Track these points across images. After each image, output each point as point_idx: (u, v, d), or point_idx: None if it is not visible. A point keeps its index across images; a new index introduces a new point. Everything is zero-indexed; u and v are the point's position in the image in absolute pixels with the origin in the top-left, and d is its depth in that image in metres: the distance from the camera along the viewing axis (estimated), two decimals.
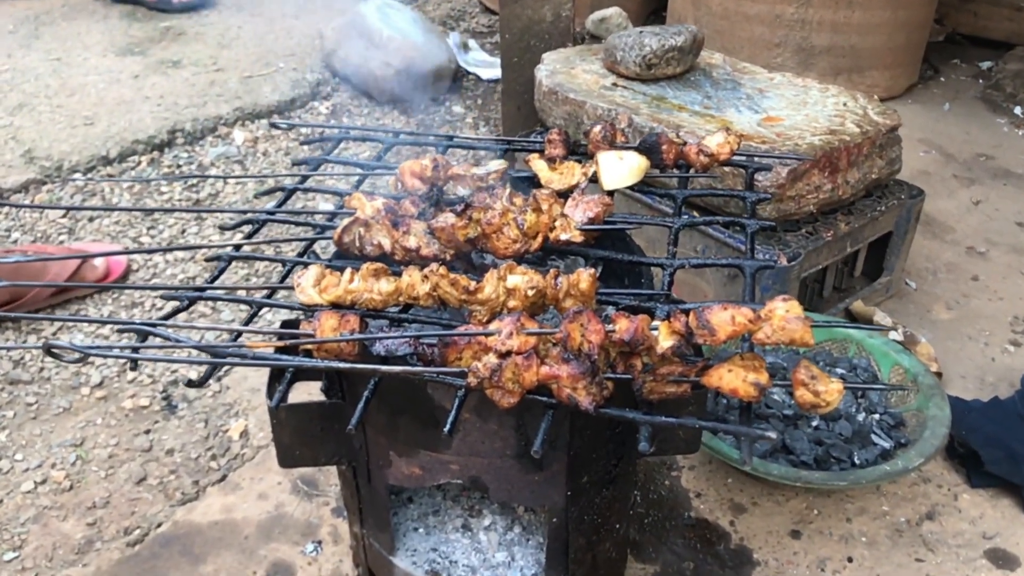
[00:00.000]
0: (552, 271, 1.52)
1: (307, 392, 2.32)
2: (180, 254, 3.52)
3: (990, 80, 4.95)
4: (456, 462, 1.67)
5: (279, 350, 1.54)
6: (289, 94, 4.55)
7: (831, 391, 1.28)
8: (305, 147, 4.06)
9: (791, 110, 2.90)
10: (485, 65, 5.08)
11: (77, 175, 3.87)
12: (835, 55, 4.48)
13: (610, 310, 1.86)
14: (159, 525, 2.34)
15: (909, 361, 2.44)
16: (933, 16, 4.76)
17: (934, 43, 5.16)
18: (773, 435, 1.29)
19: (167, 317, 1.60)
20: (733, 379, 1.31)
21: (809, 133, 2.72)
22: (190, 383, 1.45)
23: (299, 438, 1.79)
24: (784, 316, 1.29)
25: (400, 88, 4.60)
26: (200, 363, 1.48)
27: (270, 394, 1.60)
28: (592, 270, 1.51)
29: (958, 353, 2.90)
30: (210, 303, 3.15)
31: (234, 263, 3.37)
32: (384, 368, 1.42)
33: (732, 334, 1.31)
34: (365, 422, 1.74)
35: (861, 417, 2.33)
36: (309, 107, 4.55)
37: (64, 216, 3.64)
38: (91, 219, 3.65)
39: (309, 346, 1.50)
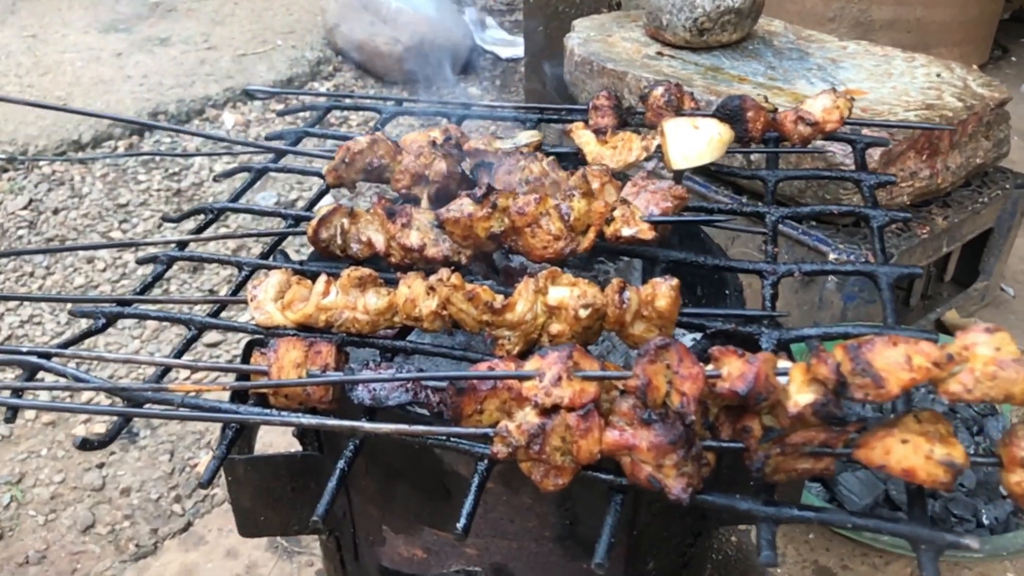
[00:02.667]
0: (615, 282, 1.05)
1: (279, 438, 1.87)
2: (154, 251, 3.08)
3: None
4: (474, 545, 1.21)
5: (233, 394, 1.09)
6: (286, 73, 4.10)
7: None
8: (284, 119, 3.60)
9: (874, 82, 2.42)
10: (504, 44, 4.61)
11: (43, 161, 3.43)
12: (897, 30, 3.98)
13: (685, 340, 1.39)
14: None
15: None
16: None
17: (1000, 21, 4.64)
18: (975, 543, 0.82)
19: (69, 343, 1.14)
20: (910, 455, 0.84)
21: (901, 108, 2.24)
22: (84, 444, 0.98)
23: (264, 500, 1.34)
24: (993, 358, 0.82)
25: (409, 67, 4.13)
26: (107, 412, 1.03)
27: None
28: (674, 281, 1.04)
29: None
30: (138, 321, 2.65)
31: (180, 266, 2.92)
32: (368, 426, 0.95)
33: (908, 384, 0.84)
34: (348, 484, 1.29)
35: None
36: (308, 87, 4.10)
37: (25, 208, 3.20)
38: (56, 211, 3.20)
39: (267, 390, 1.05)
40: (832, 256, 2.14)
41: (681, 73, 2.48)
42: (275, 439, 2.10)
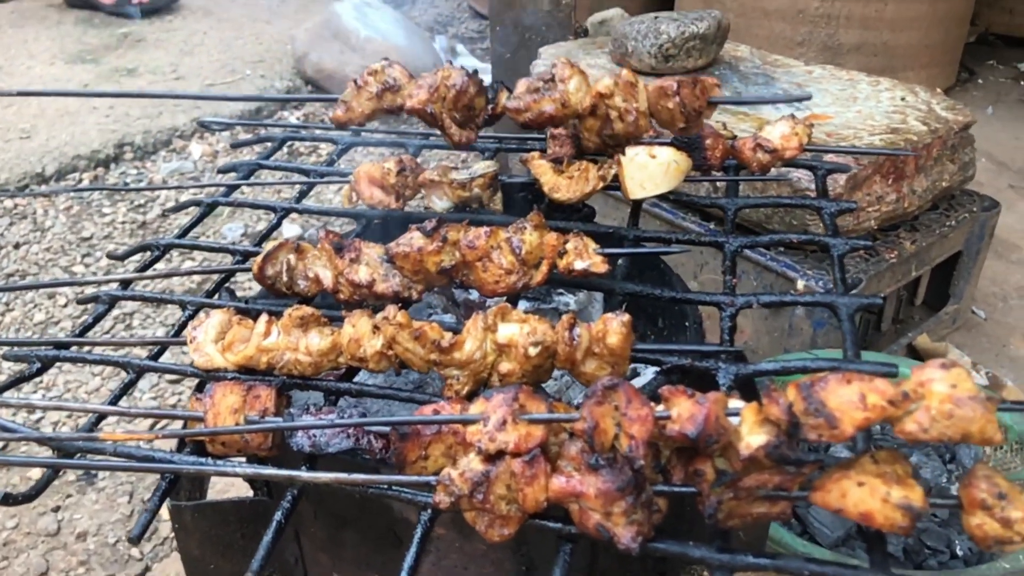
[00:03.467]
0: (565, 318, 1.02)
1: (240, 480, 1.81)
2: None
3: None
4: None
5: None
6: (255, 103, 4.06)
7: None
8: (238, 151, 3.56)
9: (839, 107, 2.41)
10: None
11: (5, 195, 3.37)
12: (865, 54, 4.01)
13: (645, 375, 1.36)
14: None
15: (1009, 417, 1.93)
16: (972, 10, 4.29)
17: (966, 44, 4.70)
18: None
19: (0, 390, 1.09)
20: (866, 498, 0.80)
21: (867, 132, 2.23)
22: (7, 499, 0.93)
23: (213, 548, 1.29)
24: (949, 395, 0.79)
25: None
26: (31, 464, 0.98)
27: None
28: (625, 316, 1.01)
29: None
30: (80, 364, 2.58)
31: (125, 306, 2.86)
32: (306, 476, 0.91)
33: (863, 423, 0.80)
34: (299, 532, 1.24)
35: (955, 489, 1.82)
36: (277, 117, 4.07)
37: None
38: (17, 246, 3.14)
39: (200, 436, 1.00)
40: (800, 283, 2.12)
41: None
42: (238, 480, 2.04)
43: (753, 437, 0.82)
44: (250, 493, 1.37)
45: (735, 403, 0.85)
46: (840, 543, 1.70)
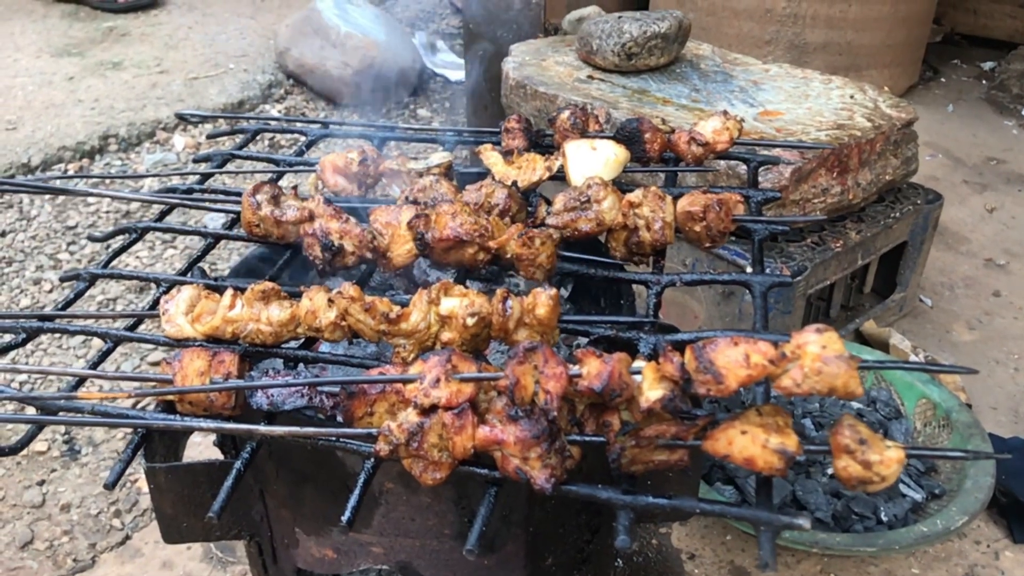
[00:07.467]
0: (499, 292, 1.14)
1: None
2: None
3: (994, 81, 4.63)
4: (379, 544, 1.27)
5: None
6: (237, 96, 4.16)
7: (888, 461, 0.90)
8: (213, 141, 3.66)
9: (791, 103, 2.54)
10: (454, 67, 4.71)
11: None
12: (831, 53, 4.14)
13: (580, 344, 1.48)
14: None
15: (939, 393, 2.06)
16: (934, 12, 4.43)
17: (932, 44, 4.84)
18: (806, 523, 0.91)
19: None
20: (748, 444, 0.92)
21: (814, 128, 2.36)
22: None
23: (186, 507, 1.39)
24: (819, 355, 0.91)
25: (359, 89, 4.21)
26: (16, 420, 1.09)
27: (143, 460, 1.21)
28: (553, 290, 1.12)
29: (986, 380, 2.53)
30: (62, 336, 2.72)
31: (110, 291, 2.99)
32: (263, 429, 1.02)
33: (746, 380, 0.93)
34: (264, 490, 1.35)
35: None
36: (260, 110, 4.16)
37: None
38: (3, 234, 3.23)
39: (171, 397, 1.11)
40: (748, 269, 2.24)
41: (609, 96, 2.58)
42: (211, 449, 2.15)
43: (652, 392, 0.94)
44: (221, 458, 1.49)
45: (638, 363, 0.97)
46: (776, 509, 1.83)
